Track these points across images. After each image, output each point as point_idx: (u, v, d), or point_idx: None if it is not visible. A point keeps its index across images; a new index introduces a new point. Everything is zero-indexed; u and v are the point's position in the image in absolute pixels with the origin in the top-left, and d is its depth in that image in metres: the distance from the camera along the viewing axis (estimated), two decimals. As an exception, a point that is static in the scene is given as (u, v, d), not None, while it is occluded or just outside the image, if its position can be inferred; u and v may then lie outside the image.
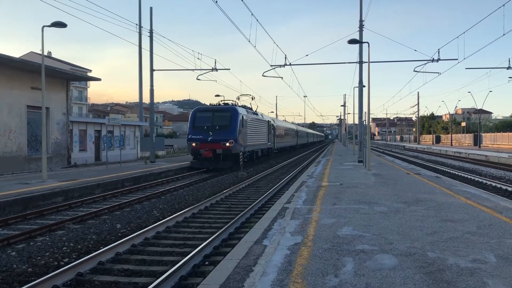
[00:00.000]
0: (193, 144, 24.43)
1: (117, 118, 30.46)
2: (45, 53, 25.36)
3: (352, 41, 21.14)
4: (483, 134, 66.01)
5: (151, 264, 7.15)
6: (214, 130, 24.55)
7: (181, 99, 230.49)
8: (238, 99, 30.77)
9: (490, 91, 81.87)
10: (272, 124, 38.43)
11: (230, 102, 27.99)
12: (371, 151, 25.64)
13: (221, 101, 27.93)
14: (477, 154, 36.48)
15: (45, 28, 16.77)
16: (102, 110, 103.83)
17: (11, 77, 21.96)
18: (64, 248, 8.15)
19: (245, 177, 21.02)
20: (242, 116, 25.87)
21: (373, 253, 5.78)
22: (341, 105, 66.61)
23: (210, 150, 23.96)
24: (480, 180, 19.72)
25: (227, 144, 23.99)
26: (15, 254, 7.72)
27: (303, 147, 71.87)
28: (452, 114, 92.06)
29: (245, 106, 29.93)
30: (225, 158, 24.31)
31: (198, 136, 24.49)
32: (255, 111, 32.69)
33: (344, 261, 5.46)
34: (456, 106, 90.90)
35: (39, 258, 7.48)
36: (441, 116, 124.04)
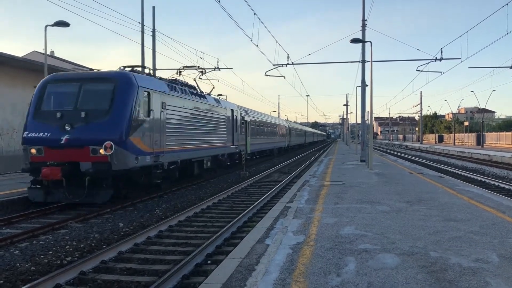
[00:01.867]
0: (32, 151, 11.83)
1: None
2: (48, 52, 25.41)
3: (354, 40, 21.12)
4: (486, 134, 65.88)
5: (154, 263, 7.16)
6: (77, 121, 11.80)
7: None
8: (179, 74, 19.20)
9: (493, 91, 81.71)
10: (242, 117, 26.19)
11: (131, 69, 14.20)
12: (373, 150, 25.64)
13: (122, 67, 14.35)
14: (480, 154, 36.40)
15: (48, 27, 16.81)
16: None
17: (14, 76, 22.03)
18: (67, 247, 8.17)
19: (247, 176, 21.04)
20: (148, 93, 13.01)
21: (375, 253, 5.78)
22: (344, 105, 66.66)
23: (59, 166, 11.37)
24: (483, 179, 19.69)
25: (101, 150, 11.46)
26: (18, 252, 7.75)
27: (299, 148, 61.65)
28: (455, 114, 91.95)
29: (176, 80, 17.13)
30: (95, 181, 11.61)
31: (40, 134, 11.92)
32: (207, 93, 20.46)
33: (346, 260, 5.46)
34: (459, 106, 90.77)
35: (42, 256, 7.50)
36: (444, 116, 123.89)
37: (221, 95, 35.02)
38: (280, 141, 43.65)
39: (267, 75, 28.19)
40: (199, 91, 18.93)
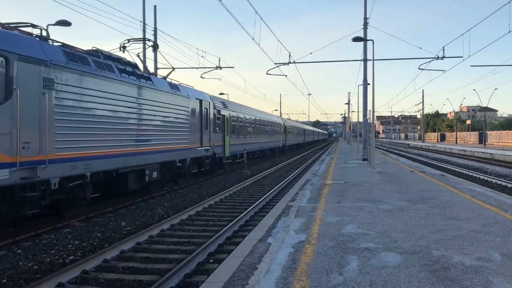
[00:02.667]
0: None
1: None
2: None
3: (356, 39, 21.11)
4: (488, 132, 65.80)
5: (156, 262, 7.18)
6: None
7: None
8: (123, 49, 14.85)
9: (496, 89, 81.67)
10: (218, 110, 20.82)
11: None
12: (375, 149, 25.63)
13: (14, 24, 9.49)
14: (482, 152, 36.34)
15: (49, 26, 16.82)
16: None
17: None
18: (69, 246, 8.20)
19: (249, 175, 21.05)
20: (5, 58, 7.95)
21: (377, 251, 5.78)
22: (346, 103, 66.52)
23: None
24: (485, 178, 19.66)
25: None
26: (21, 251, 7.77)
27: (297, 148, 57.05)
28: (457, 112, 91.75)
29: (97, 51, 11.78)
30: None
31: None
32: (163, 77, 16.18)
33: (348, 259, 5.46)
34: (461, 104, 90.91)
35: (45, 255, 7.53)
36: (446, 114, 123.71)
37: (222, 94, 35.00)
38: (273, 141, 38.20)
39: (269, 74, 28.18)
40: (141, 70, 13.69)
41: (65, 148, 9.45)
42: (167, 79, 16.17)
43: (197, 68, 27.57)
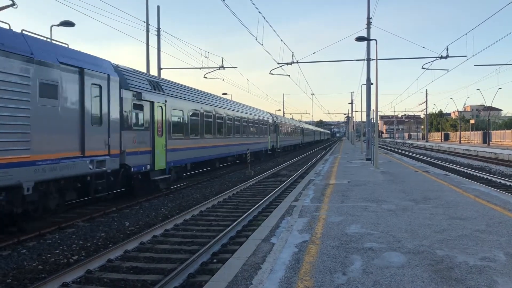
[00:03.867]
0: None
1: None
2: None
3: (359, 39, 21.07)
4: (492, 132, 65.58)
5: (160, 262, 7.19)
6: None
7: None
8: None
9: (500, 88, 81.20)
10: (138, 93, 12.77)
11: None
12: (379, 149, 25.58)
13: None
14: (486, 152, 36.22)
15: (53, 27, 16.87)
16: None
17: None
18: (73, 246, 8.23)
19: (252, 175, 21.07)
20: None
21: (381, 251, 5.77)
22: (349, 103, 66.42)
23: None
24: (490, 177, 19.59)
25: None
26: (26, 251, 7.80)
27: (294, 150, 49.96)
28: (460, 112, 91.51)
29: None
30: None
31: None
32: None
33: (352, 259, 5.45)
34: (465, 104, 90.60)
35: (49, 255, 7.55)
36: (449, 114, 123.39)
37: (225, 94, 34.83)
38: (258, 142, 30.10)
39: (272, 74, 28.18)
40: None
41: None
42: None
43: (200, 68, 27.59)
